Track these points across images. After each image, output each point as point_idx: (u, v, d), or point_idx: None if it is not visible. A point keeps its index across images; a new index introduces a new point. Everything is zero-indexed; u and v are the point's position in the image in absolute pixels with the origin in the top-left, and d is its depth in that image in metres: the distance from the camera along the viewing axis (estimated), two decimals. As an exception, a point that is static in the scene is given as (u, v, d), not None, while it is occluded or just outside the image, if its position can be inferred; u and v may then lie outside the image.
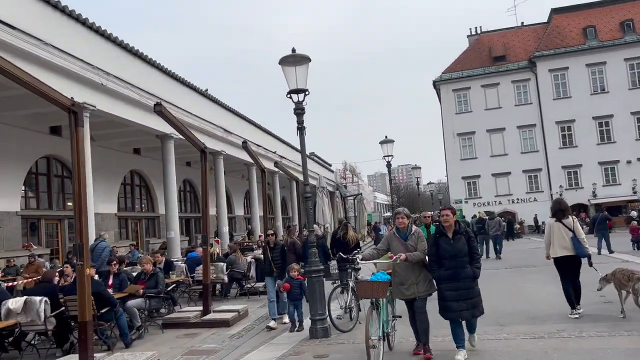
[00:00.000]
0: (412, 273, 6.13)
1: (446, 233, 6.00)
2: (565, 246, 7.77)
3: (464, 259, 5.87)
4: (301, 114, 7.54)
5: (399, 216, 6.29)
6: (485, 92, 43.75)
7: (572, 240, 7.72)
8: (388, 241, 6.40)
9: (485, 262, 18.06)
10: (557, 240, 7.85)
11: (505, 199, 42.97)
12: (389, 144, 16.02)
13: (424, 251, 6.16)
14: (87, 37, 13.87)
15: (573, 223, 7.87)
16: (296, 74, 7.21)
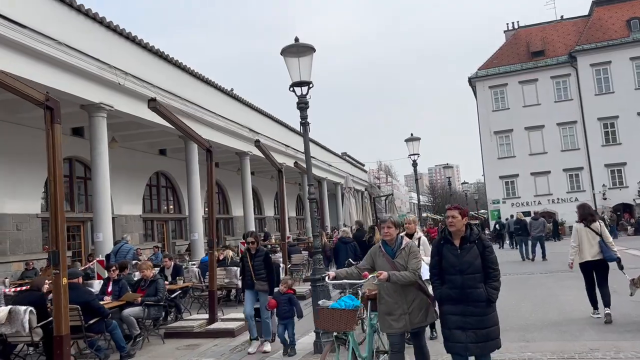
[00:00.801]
0: (403, 299, 4.77)
1: (452, 240, 4.64)
2: (592, 251, 7.72)
3: (475, 275, 4.48)
4: (304, 108, 7.02)
5: (385, 225, 4.98)
6: (523, 88, 42.27)
7: (599, 245, 7.68)
8: (372, 257, 5.06)
9: (521, 265, 17.30)
10: (586, 245, 7.80)
11: (545, 199, 41.40)
12: (415, 141, 15.29)
13: (416, 271, 4.80)
14: (105, 36, 13.67)
15: (600, 227, 7.80)
16: (299, 65, 6.69)
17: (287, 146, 27.75)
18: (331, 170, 36.08)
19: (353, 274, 5.04)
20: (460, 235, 4.63)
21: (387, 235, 4.94)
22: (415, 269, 4.80)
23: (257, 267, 7.61)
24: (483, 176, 45.74)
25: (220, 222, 27.19)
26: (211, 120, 18.97)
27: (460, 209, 4.70)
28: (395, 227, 4.99)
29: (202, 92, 18.67)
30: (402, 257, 4.88)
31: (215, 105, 19.51)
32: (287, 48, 6.69)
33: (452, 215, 4.63)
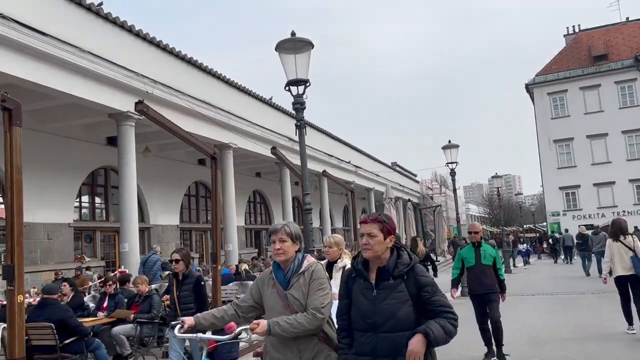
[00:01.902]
0: (296, 356, 3.08)
1: (366, 273, 2.92)
2: (625, 266, 7.83)
3: (397, 334, 2.76)
4: (300, 109, 6.43)
5: (275, 238, 3.23)
6: (584, 94, 40.07)
7: (632, 260, 7.76)
8: (259, 288, 3.32)
9: (575, 283, 15.88)
10: (617, 260, 7.93)
11: (609, 211, 38.72)
12: (453, 149, 14.36)
13: (320, 312, 3.02)
14: (134, 44, 13.60)
15: (633, 242, 7.88)
16: (296, 62, 6.11)
17: (330, 155, 27.18)
18: (378, 180, 35.17)
19: (225, 318, 3.22)
20: (379, 264, 2.87)
21: (279, 254, 3.16)
22: (317, 308, 3.00)
23: (183, 298, 5.92)
24: (541, 187, 43.56)
25: (262, 232, 26.90)
26: (245, 128, 18.65)
27: (381, 221, 2.87)
28: (292, 241, 3.19)
29: (235, 100, 18.40)
30: (300, 288, 3.09)
31: (251, 114, 19.19)
32: (283, 43, 6.12)
33: (367, 232, 2.84)
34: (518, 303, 12.07)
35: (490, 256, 6.92)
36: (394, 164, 44.86)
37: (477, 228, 7.22)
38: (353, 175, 31.58)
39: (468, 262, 7.02)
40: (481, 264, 6.87)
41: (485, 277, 6.83)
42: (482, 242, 7.10)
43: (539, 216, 57.86)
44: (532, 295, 13.25)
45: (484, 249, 6.98)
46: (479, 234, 7.14)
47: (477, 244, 7.05)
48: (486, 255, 6.91)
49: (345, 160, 29.64)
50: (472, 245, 7.14)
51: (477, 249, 7.00)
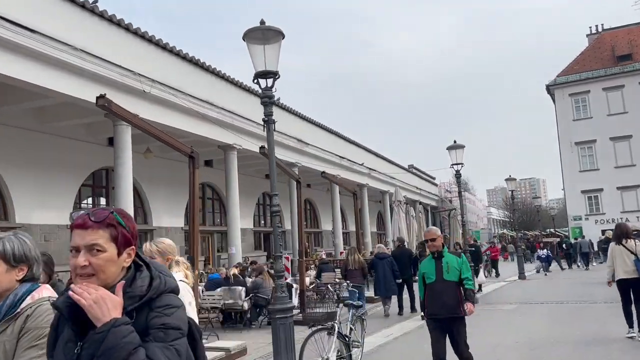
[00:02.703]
0: None
1: (65, 314, 1.64)
2: (627, 269, 7.82)
3: None
4: (268, 103, 6.01)
5: None
6: (607, 95, 38.93)
7: (634, 263, 7.76)
8: None
9: (594, 288, 14.98)
10: (619, 263, 7.94)
11: (634, 216, 37.57)
12: (458, 149, 13.77)
13: None
14: (131, 43, 13.36)
15: (635, 246, 7.87)
16: (265, 53, 5.69)
17: (342, 157, 26.74)
18: (394, 183, 34.60)
19: None
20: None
21: None
22: None
23: None
24: (563, 190, 42.45)
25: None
26: (250, 129, 18.33)
27: (112, 224, 1.70)
28: (8, 264, 2.08)
29: (240, 101, 18.10)
30: (3, 344, 1.96)
31: (257, 114, 18.83)
32: (251, 32, 5.69)
33: (88, 244, 1.64)
34: (525, 311, 11.50)
35: (455, 269, 5.46)
36: (410, 166, 44.22)
37: (435, 234, 5.71)
38: (366, 177, 31.11)
39: (427, 277, 5.58)
40: (443, 280, 5.43)
41: (447, 296, 5.37)
42: (445, 251, 5.66)
43: (562, 220, 56.55)
44: (541, 304, 12.62)
45: (446, 261, 5.53)
46: (437, 242, 5.65)
47: (437, 254, 5.60)
48: (449, 268, 5.46)
49: (358, 163, 29.19)
50: (431, 256, 5.68)
51: (438, 260, 5.57)
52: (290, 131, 21.51)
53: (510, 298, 14.02)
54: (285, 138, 21.03)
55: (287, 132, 21.23)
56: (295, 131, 22.04)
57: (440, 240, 5.69)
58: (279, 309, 5.49)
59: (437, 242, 5.64)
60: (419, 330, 9.73)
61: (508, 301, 13.29)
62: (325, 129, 25.94)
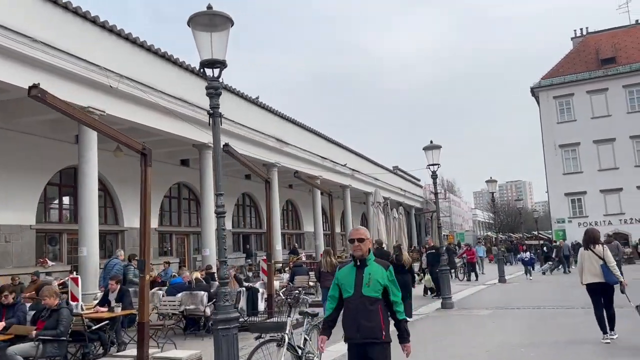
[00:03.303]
0: None
1: None
2: (595, 273, 8.01)
3: None
4: (215, 95, 5.61)
5: None
6: (591, 98, 38.90)
7: (602, 268, 7.93)
8: None
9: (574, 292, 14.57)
10: (587, 267, 8.12)
11: (616, 219, 37.67)
12: (435, 150, 13.45)
13: None
14: (98, 36, 12.89)
15: (603, 251, 8.06)
16: (212, 40, 5.29)
17: (324, 158, 26.37)
18: (377, 184, 34.28)
19: None
20: None
21: None
22: None
23: None
24: (547, 193, 42.41)
25: (251, 236, 26.30)
26: (228, 128, 17.88)
27: None
28: None
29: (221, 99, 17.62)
30: None
31: (235, 114, 18.43)
32: (197, 17, 5.27)
33: None
34: (500, 317, 11.17)
35: (378, 283, 4.24)
36: (395, 168, 43.95)
37: (361, 234, 4.42)
38: (349, 178, 30.79)
39: (344, 290, 4.36)
40: (361, 295, 4.23)
41: (364, 315, 4.19)
42: (370, 259, 4.37)
43: (547, 223, 56.66)
44: (518, 309, 12.30)
45: (369, 271, 4.29)
46: (363, 245, 4.36)
47: (360, 261, 4.35)
48: (371, 281, 4.24)
49: (340, 163, 28.84)
50: (353, 262, 4.42)
51: (360, 270, 4.33)
52: (269, 130, 21.12)
53: (487, 303, 13.70)
54: (264, 137, 20.65)
55: (266, 131, 20.84)
56: (274, 130, 21.65)
57: (368, 243, 4.39)
58: (221, 319, 5.05)
59: (363, 245, 4.35)
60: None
61: (484, 306, 12.96)
62: (306, 129, 25.55)
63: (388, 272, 4.33)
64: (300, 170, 23.40)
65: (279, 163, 21.95)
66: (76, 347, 7.73)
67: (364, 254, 4.35)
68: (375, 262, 4.39)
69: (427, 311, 12.54)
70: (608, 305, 8.09)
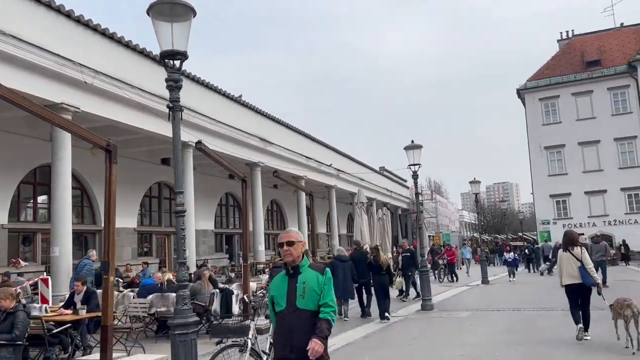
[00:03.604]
0: None
1: None
2: (573, 275, 8.17)
3: None
4: (174, 88, 5.39)
5: None
6: (576, 100, 39.10)
7: (579, 270, 8.08)
8: None
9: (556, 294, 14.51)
10: (566, 269, 8.28)
11: (600, 220, 37.89)
12: (416, 150, 13.30)
13: None
14: (73, 30, 12.60)
15: (581, 253, 8.18)
16: (172, 31, 5.07)
17: (309, 158, 26.18)
18: (363, 185, 34.15)
19: None
20: None
21: None
22: None
23: None
24: (532, 194, 42.55)
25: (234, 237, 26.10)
26: (209, 126, 17.67)
27: None
28: None
29: (198, 96, 17.41)
30: None
31: (216, 112, 18.20)
32: (156, 6, 5.02)
33: None
34: (479, 319, 11.03)
35: (314, 293, 3.65)
36: (382, 168, 43.88)
37: (292, 237, 3.79)
38: (335, 179, 30.62)
39: (276, 303, 3.75)
40: (295, 309, 3.64)
41: (299, 333, 3.57)
42: (303, 265, 3.76)
43: (533, 224, 56.99)
44: (497, 311, 12.19)
45: (303, 280, 3.69)
46: (295, 249, 3.75)
47: (293, 269, 3.75)
48: (306, 291, 3.65)
49: (325, 163, 28.66)
50: (285, 271, 3.83)
51: (292, 278, 3.73)
52: (252, 129, 20.88)
53: (467, 304, 13.59)
54: (247, 136, 20.41)
55: (249, 130, 20.61)
56: (258, 129, 21.41)
57: (300, 247, 3.76)
58: (179, 323, 4.84)
59: (294, 249, 3.72)
60: (363, 340, 9.20)
61: (464, 308, 12.85)
62: (291, 129, 25.35)
63: (324, 276, 3.70)
64: (284, 170, 23.27)
65: (263, 163, 21.72)
66: (38, 352, 7.47)
67: (296, 260, 3.72)
68: (311, 267, 3.76)
69: (407, 313, 12.41)
70: (584, 305, 8.24)
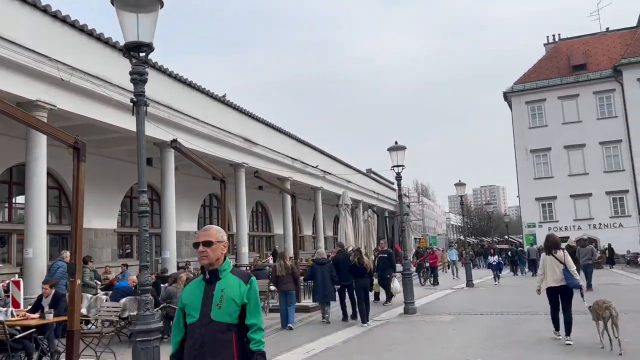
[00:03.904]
0: None
1: None
2: (556, 278, 8.30)
3: None
4: (139, 81, 5.17)
5: None
6: (562, 104, 39.30)
7: (563, 272, 8.22)
8: None
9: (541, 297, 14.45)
10: (549, 272, 8.43)
11: (586, 224, 38.06)
12: (399, 151, 13.12)
13: None
14: (50, 26, 12.26)
15: (564, 256, 8.35)
16: (138, 22, 4.86)
17: (294, 159, 25.93)
18: (350, 187, 33.95)
19: None
20: None
21: None
22: None
23: None
24: (518, 197, 42.67)
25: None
26: (191, 126, 17.37)
27: None
28: None
29: (180, 96, 17.11)
30: None
31: (199, 111, 17.90)
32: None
33: None
34: (462, 324, 10.86)
35: (234, 302, 3.02)
36: (369, 170, 43.73)
37: (210, 236, 3.12)
38: (321, 180, 30.40)
39: (188, 313, 3.11)
40: (209, 321, 3.00)
41: (215, 349, 2.98)
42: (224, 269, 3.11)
43: (519, 227, 57.24)
44: (481, 315, 12.04)
45: (222, 286, 3.05)
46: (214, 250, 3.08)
47: (210, 273, 3.08)
48: (224, 300, 3.02)
49: (312, 165, 28.43)
50: (202, 276, 3.16)
51: (210, 285, 3.08)
52: (236, 129, 20.60)
53: (450, 308, 13.43)
54: (230, 137, 20.11)
55: (233, 130, 20.32)
56: (242, 130, 21.13)
57: (220, 248, 3.09)
58: (140, 330, 4.58)
59: (212, 250, 3.06)
60: (343, 345, 8.99)
61: (448, 311, 12.68)
62: (276, 129, 25.09)
63: (248, 286, 3.06)
64: (269, 171, 23.01)
65: (247, 164, 21.43)
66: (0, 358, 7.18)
67: (214, 263, 3.06)
68: (233, 273, 3.13)
69: (389, 317, 12.22)
70: (566, 308, 8.36)
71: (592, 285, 16.71)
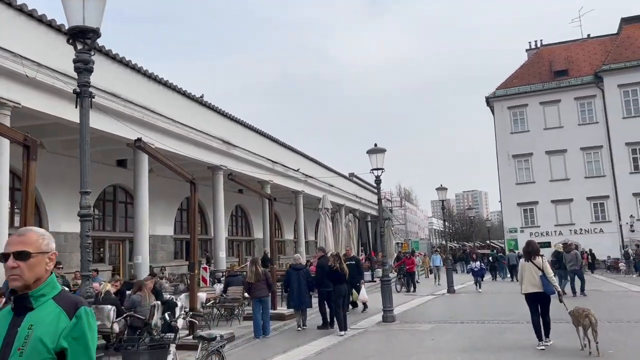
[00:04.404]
0: None
1: None
2: (534, 283, 8.36)
3: None
4: (83, 70, 4.72)
5: None
6: (544, 109, 39.43)
7: (541, 279, 8.28)
8: None
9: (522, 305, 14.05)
10: (527, 278, 8.47)
11: (567, 229, 38.14)
12: (379, 154, 12.76)
13: None
14: (14, 21, 11.71)
15: (542, 263, 8.42)
16: (84, 5, 4.41)
17: (274, 162, 25.47)
18: (332, 190, 33.56)
19: None
20: None
21: None
22: None
23: None
24: (500, 202, 42.65)
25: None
26: (165, 126, 16.84)
27: None
28: None
29: (154, 96, 16.57)
30: None
31: (175, 112, 17.38)
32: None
33: None
34: (441, 333, 10.47)
35: (43, 346, 1.99)
36: (351, 174, 43.41)
37: (24, 242, 2.10)
38: (302, 184, 29.96)
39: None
40: None
41: None
42: (44, 293, 2.07)
43: (500, 232, 57.35)
44: (461, 323, 11.68)
45: (33, 319, 2.03)
46: (30, 267, 2.05)
47: (17, 300, 2.08)
48: (29, 341, 1.98)
49: (293, 168, 27.99)
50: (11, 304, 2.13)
51: (18, 317, 2.05)
52: (215, 131, 20.10)
53: (430, 316, 13.07)
54: (208, 138, 19.61)
55: (211, 132, 19.82)
56: (221, 132, 20.63)
57: (43, 263, 2.11)
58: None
59: (27, 266, 2.07)
60: (316, 357, 8.54)
61: (428, 320, 12.31)
62: (256, 132, 24.62)
63: (75, 320, 2.04)
64: (249, 174, 22.53)
65: (225, 166, 20.92)
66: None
67: (31, 286, 2.08)
68: (56, 300, 2.10)
69: (367, 325, 11.79)
70: (544, 313, 8.45)
71: (584, 291, 16.65)
